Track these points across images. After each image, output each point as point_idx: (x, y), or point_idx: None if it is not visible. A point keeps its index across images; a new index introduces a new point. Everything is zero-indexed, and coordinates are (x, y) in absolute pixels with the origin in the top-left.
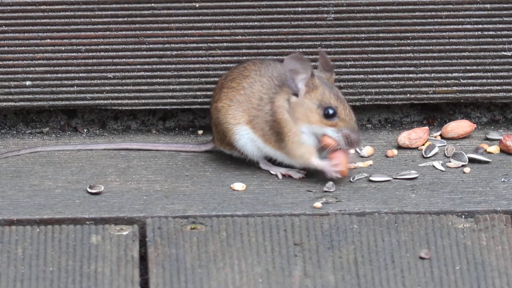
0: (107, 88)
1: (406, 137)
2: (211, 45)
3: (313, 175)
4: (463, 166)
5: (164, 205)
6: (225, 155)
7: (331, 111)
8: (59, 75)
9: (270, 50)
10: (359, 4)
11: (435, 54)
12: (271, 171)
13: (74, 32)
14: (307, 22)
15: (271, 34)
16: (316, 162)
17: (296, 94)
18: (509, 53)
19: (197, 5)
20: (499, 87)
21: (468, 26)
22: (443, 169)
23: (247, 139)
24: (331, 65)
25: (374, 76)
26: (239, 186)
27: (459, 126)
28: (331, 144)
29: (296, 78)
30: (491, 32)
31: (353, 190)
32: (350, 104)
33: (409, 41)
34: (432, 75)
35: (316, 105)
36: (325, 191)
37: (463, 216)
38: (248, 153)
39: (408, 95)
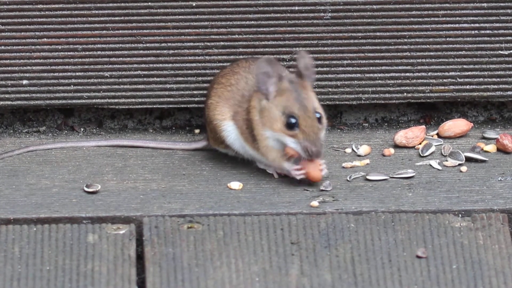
0: (104, 87)
1: (403, 136)
2: (208, 44)
3: None
4: (460, 165)
5: (161, 204)
6: (221, 154)
7: (292, 121)
8: (56, 74)
9: (267, 49)
10: (356, 3)
11: (432, 53)
12: (268, 170)
13: (71, 31)
14: (304, 21)
15: (268, 33)
16: (285, 165)
17: (268, 98)
18: (505, 52)
19: (194, 4)
20: (496, 86)
21: (465, 25)
22: (440, 168)
23: (236, 135)
24: (301, 72)
25: (371, 75)
26: (236, 185)
27: (456, 125)
28: (292, 154)
29: (267, 81)
30: (487, 31)
31: (350, 189)
32: (323, 104)
33: (406, 40)
34: (429, 74)
35: (281, 112)
36: (322, 190)
37: (460, 215)
38: (239, 151)
39: (405, 94)
